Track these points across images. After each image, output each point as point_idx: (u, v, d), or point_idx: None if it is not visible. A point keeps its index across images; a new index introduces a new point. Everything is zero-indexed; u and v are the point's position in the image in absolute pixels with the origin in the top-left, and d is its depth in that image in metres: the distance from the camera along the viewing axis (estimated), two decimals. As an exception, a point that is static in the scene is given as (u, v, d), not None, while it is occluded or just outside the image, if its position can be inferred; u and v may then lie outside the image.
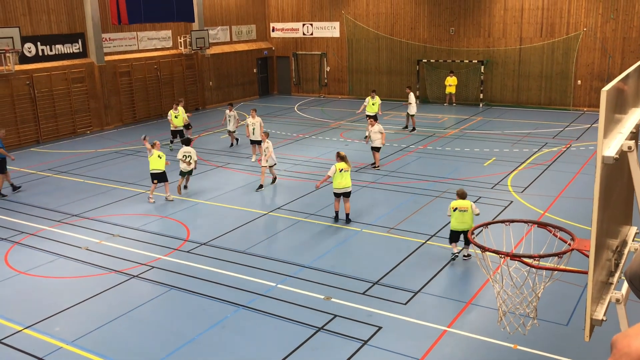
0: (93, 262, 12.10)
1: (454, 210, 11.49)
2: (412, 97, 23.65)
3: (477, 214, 11.59)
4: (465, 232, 11.40)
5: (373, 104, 22.97)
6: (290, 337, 9.15)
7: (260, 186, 16.67)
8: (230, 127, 21.81)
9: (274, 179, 17.14)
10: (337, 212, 14.16)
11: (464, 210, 11.43)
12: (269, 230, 14.00)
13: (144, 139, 16.87)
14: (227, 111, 21.89)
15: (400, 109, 29.03)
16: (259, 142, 18.93)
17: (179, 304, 10.35)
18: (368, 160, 19.33)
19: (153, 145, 16.11)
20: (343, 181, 13.72)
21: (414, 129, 23.85)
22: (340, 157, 13.80)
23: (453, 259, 11.81)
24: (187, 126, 22.23)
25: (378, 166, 18.62)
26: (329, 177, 13.83)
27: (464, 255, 11.79)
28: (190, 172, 16.52)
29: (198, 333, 9.36)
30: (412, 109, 23.55)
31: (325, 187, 16.81)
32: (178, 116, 21.50)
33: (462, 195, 11.67)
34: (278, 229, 14.04)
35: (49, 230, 13.98)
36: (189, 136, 22.52)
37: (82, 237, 13.49)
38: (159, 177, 15.89)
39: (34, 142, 23.64)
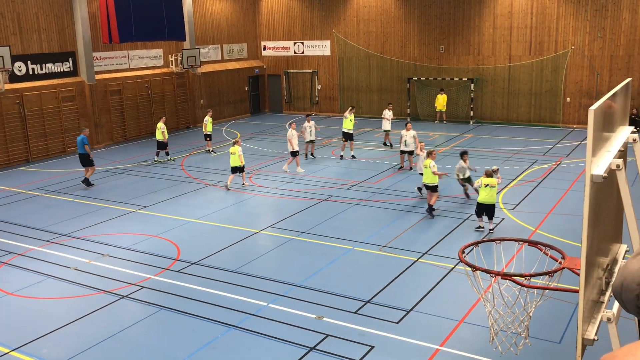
0: (82, 283, 11.97)
1: (485, 186, 13.74)
2: (387, 113, 23.93)
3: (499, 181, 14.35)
4: (491, 206, 13.89)
5: (350, 120, 22.55)
6: (282, 358, 9.05)
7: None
8: (312, 137, 22.39)
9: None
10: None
11: (493, 187, 13.77)
12: (259, 249, 13.92)
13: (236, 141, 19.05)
14: (306, 122, 22.27)
15: (391, 125, 29.16)
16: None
17: (169, 325, 10.24)
18: (359, 178, 19.35)
19: (235, 143, 18.69)
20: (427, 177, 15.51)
21: (384, 143, 24.50)
22: (428, 153, 15.98)
23: (477, 230, 14.22)
24: (208, 136, 24.21)
25: (411, 167, 20.21)
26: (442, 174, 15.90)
27: (490, 229, 14.13)
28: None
29: (188, 354, 9.25)
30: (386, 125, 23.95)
31: (318, 205, 16.79)
32: (164, 131, 22.67)
33: (490, 175, 13.97)
34: (269, 247, 13.97)
35: (37, 250, 13.84)
36: (209, 148, 24.41)
37: (71, 257, 13.36)
38: (239, 169, 18.76)
39: (23, 161, 23.51)
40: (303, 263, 12.79)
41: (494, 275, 6.94)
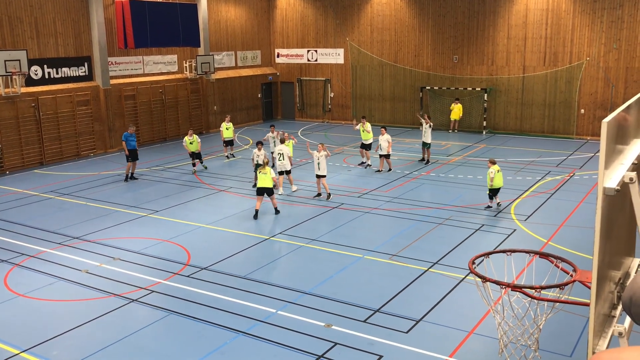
0: (93, 286, 12.03)
1: (498, 172, 16.22)
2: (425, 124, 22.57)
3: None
4: (500, 187, 16.52)
5: (363, 131, 22.14)
6: (290, 365, 9.03)
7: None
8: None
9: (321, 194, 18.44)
10: None
11: (499, 171, 16.35)
12: (269, 255, 13.94)
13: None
14: (270, 133, 21.74)
15: (403, 135, 29.16)
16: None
17: (178, 329, 10.26)
18: (370, 186, 19.35)
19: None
20: None
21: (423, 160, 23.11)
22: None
23: (487, 209, 16.64)
24: (230, 142, 24.16)
25: (380, 170, 21.32)
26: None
27: (498, 202, 16.69)
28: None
29: (197, 359, 9.25)
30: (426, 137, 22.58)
31: (328, 212, 16.75)
32: (193, 142, 21.51)
33: (494, 162, 16.55)
34: (279, 254, 13.98)
35: (49, 253, 13.94)
36: (231, 152, 24.50)
37: (82, 260, 13.44)
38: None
39: (37, 163, 23.73)
40: (313, 270, 12.78)
41: (504, 286, 6.90)
